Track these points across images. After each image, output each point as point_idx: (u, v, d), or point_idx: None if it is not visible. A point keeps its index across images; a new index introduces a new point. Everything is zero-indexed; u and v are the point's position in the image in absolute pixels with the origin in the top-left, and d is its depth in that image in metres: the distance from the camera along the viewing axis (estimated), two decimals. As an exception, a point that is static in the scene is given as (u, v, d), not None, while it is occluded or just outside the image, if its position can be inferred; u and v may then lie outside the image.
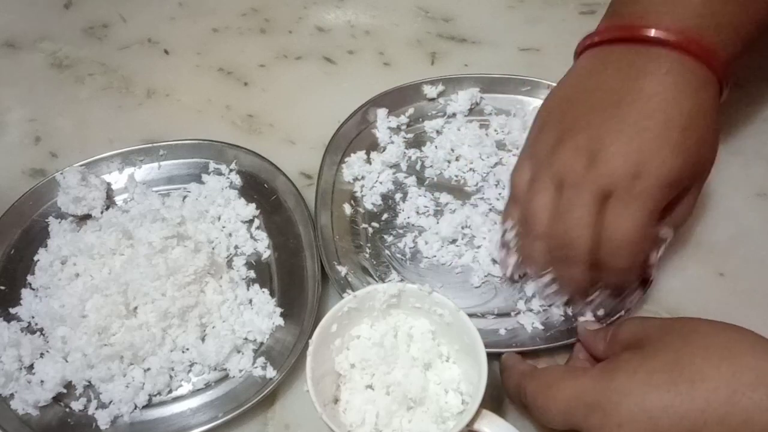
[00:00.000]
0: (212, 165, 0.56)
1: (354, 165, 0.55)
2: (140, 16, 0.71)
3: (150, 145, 0.57)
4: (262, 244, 0.52)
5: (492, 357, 0.45)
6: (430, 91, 0.59)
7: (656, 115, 0.41)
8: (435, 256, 0.51)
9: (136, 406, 0.45)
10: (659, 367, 0.36)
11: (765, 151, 0.57)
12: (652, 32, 0.42)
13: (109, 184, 0.55)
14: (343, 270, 0.50)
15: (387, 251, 0.52)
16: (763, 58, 0.61)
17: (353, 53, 0.66)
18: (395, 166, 0.56)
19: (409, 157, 0.57)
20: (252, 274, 0.51)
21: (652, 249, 0.44)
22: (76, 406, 0.46)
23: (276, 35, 0.68)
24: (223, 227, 0.53)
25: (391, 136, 0.57)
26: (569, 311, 0.47)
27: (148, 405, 0.46)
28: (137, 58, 0.67)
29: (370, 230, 0.53)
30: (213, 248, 0.51)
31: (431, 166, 0.56)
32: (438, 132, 0.58)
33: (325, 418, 0.39)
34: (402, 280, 0.50)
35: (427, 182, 0.55)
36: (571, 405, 0.37)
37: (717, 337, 0.36)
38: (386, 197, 0.55)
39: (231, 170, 0.56)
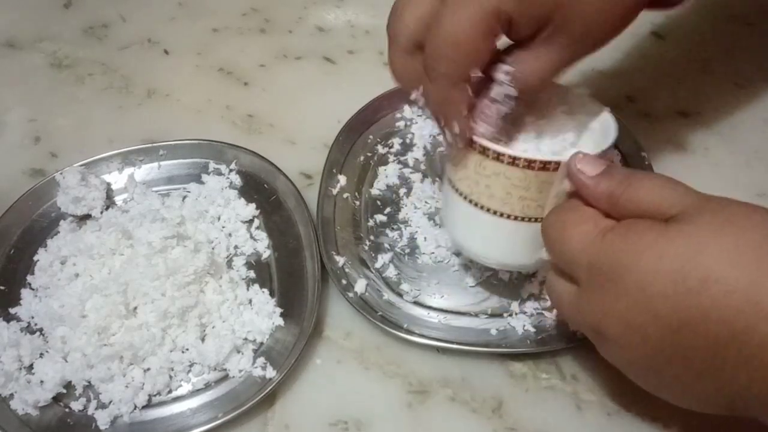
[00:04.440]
0: (212, 165, 0.56)
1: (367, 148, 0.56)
2: (140, 16, 0.71)
3: (150, 145, 0.57)
4: (262, 244, 0.52)
5: (487, 357, 0.45)
6: None
7: None
8: (433, 253, 0.51)
9: (135, 406, 0.45)
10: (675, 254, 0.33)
11: (765, 151, 0.56)
12: None
13: (108, 184, 0.55)
14: (341, 260, 0.50)
15: (386, 245, 0.52)
16: (763, 58, 0.61)
17: (353, 53, 0.66)
18: (402, 162, 0.56)
19: (418, 157, 0.57)
20: (252, 274, 0.51)
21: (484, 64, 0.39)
22: (76, 406, 0.46)
23: (276, 35, 0.68)
24: (223, 227, 0.53)
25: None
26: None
27: (148, 405, 0.46)
28: (137, 58, 0.67)
29: (372, 223, 0.53)
30: (213, 248, 0.51)
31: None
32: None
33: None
34: (399, 275, 0.50)
35: (430, 179, 0.55)
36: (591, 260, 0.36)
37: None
38: (391, 191, 0.55)
39: (231, 170, 0.56)
